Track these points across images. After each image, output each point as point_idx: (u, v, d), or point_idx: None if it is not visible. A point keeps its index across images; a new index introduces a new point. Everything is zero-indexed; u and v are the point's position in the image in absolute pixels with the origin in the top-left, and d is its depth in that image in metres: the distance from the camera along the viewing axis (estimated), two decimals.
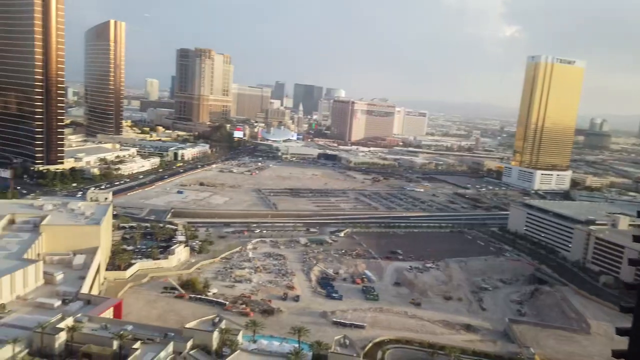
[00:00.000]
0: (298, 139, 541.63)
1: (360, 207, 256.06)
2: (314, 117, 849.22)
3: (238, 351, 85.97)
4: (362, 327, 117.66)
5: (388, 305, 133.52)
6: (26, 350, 76.76)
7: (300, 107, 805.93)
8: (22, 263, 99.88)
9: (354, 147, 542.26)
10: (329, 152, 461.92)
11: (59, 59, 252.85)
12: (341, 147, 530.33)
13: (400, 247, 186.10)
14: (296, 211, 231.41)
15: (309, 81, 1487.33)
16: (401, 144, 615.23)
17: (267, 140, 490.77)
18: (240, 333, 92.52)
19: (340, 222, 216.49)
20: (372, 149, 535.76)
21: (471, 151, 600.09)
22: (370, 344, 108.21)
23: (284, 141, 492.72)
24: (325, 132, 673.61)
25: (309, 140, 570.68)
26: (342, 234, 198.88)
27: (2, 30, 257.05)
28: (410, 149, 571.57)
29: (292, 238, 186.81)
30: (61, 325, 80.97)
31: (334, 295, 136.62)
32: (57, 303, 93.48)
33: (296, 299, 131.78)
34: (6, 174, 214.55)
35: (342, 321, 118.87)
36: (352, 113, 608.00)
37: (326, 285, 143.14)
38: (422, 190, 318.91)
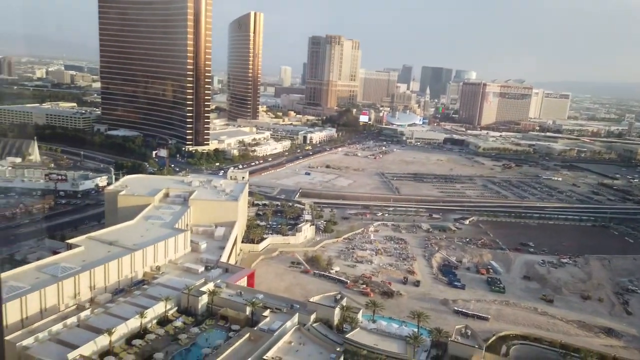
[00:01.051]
0: (424, 123, 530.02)
1: (488, 194, 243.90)
2: (442, 100, 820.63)
3: (358, 329, 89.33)
4: (485, 318, 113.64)
5: (515, 299, 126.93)
6: (175, 308, 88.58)
7: (427, 91, 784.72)
8: (174, 232, 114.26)
9: (484, 131, 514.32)
10: (455, 136, 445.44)
11: (207, 51, 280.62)
12: (469, 131, 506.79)
13: (531, 239, 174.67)
14: (419, 196, 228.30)
15: (438, 63, 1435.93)
16: (538, 128, 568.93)
17: (392, 124, 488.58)
18: (361, 312, 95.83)
19: (465, 209, 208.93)
20: (503, 133, 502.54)
21: (622, 137, 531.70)
22: (494, 337, 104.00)
23: (409, 125, 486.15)
24: (453, 116, 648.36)
25: (435, 124, 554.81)
26: (467, 222, 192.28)
27: (161, 27, 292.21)
28: (549, 134, 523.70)
29: (413, 223, 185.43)
30: (204, 289, 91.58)
31: (456, 283, 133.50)
32: (201, 269, 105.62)
33: (416, 284, 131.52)
34: (163, 153, 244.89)
35: (464, 311, 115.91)
36: (483, 96, 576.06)
37: (448, 273, 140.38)
38: (560, 179, 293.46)
